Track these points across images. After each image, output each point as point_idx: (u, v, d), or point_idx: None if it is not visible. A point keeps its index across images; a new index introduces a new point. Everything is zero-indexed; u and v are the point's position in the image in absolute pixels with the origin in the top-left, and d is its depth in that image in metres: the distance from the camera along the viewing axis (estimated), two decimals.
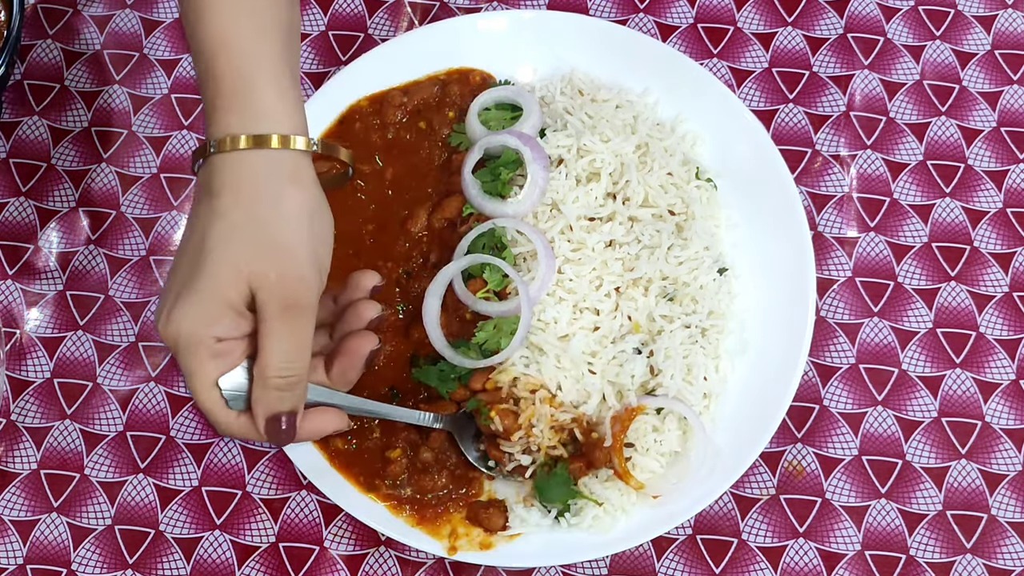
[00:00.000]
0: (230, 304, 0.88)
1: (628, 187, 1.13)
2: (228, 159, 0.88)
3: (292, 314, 0.88)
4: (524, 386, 1.06)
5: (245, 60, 0.89)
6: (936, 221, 1.23)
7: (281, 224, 0.88)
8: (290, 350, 0.89)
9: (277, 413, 0.92)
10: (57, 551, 1.10)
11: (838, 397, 1.16)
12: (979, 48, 1.31)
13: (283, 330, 0.89)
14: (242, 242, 0.87)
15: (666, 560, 1.10)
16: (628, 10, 1.32)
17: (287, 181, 0.89)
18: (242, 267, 0.87)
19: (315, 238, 0.90)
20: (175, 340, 0.89)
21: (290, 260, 0.88)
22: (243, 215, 0.88)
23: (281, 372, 0.90)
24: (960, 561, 1.10)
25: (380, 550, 1.10)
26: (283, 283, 0.87)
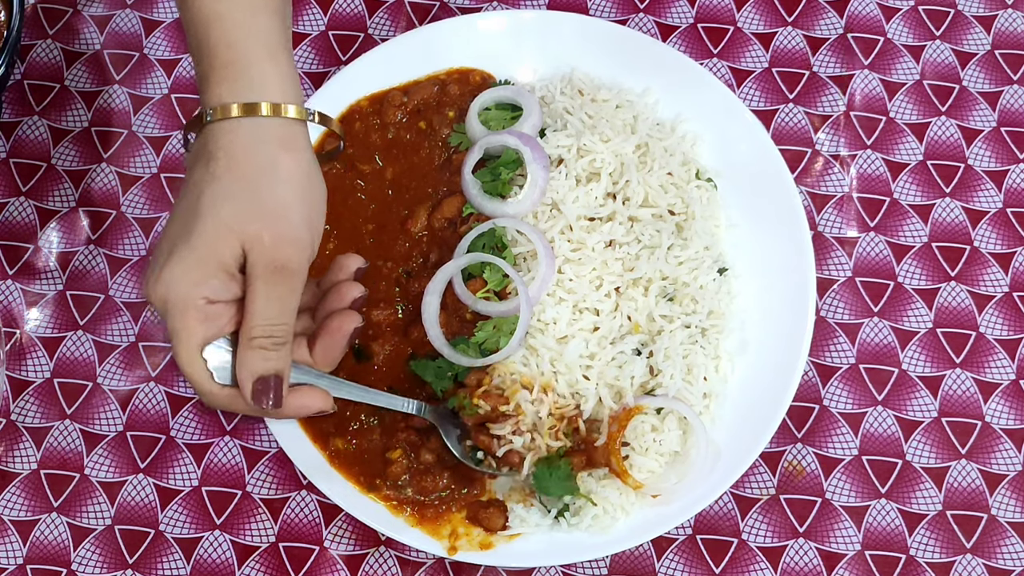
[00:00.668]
0: (222, 264, 0.88)
1: (628, 187, 1.13)
2: (222, 127, 0.90)
3: (281, 276, 0.89)
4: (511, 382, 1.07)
5: (238, 32, 0.91)
6: (936, 221, 1.23)
7: (275, 187, 0.89)
8: (276, 312, 0.90)
9: (262, 375, 0.91)
10: (57, 551, 1.10)
11: (838, 397, 1.16)
12: (979, 48, 1.31)
13: (271, 292, 0.89)
14: (236, 203, 0.88)
15: (666, 560, 1.10)
16: (628, 10, 1.32)
17: (280, 147, 0.90)
18: (235, 227, 0.88)
19: (309, 203, 0.92)
20: (163, 300, 0.89)
21: (284, 222, 0.89)
22: (237, 178, 0.89)
23: (266, 332, 0.90)
24: (960, 561, 1.10)
25: (380, 550, 1.10)
26: (276, 244, 0.88)
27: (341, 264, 1.01)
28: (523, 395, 1.05)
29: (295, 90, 0.94)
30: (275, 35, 0.93)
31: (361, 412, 1.09)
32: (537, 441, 1.05)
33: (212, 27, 0.91)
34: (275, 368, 0.92)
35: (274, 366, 0.91)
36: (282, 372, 0.92)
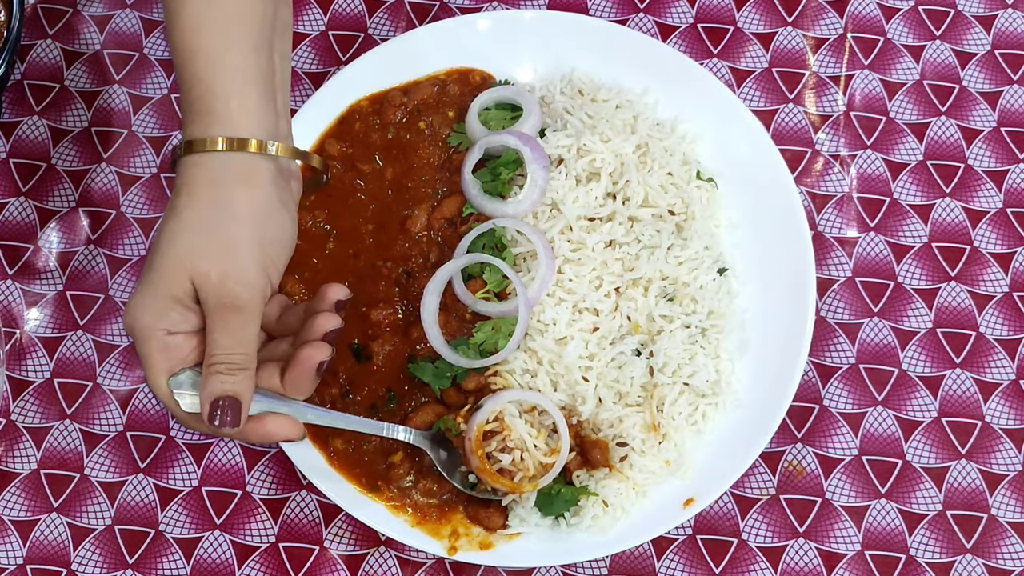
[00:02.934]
0: (176, 298, 0.91)
1: (628, 187, 1.13)
2: (187, 161, 0.93)
3: (229, 312, 0.91)
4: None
5: (208, 69, 0.93)
6: (936, 221, 1.23)
7: (228, 224, 0.91)
8: (230, 343, 0.91)
9: (218, 397, 0.92)
10: (57, 551, 1.10)
11: (838, 397, 1.16)
12: (979, 48, 1.31)
13: (221, 326, 0.91)
14: (188, 239, 0.91)
15: (666, 560, 1.10)
16: (628, 10, 1.32)
17: (238, 182, 0.92)
18: (186, 263, 0.90)
19: (264, 239, 0.93)
20: (131, 329, 0.93)
21: (231, 260, 0.91)
22: (193, 214, 0.91)
23: (222, 359, 0.91)
24: (960, 561, 1.10)
25: (380, 550, 1.10)
26: (222, 282, 0.90)
27: (324, 294, 1.00)
28: (509, 409, 1.06)
29: (268, 124, 0.95)
30: (249, 71, 0.94)
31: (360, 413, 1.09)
32: (527, 460, 1.06)
33: (187, 63, 0.94)
34: (232, 391, 0.92)
35: (231, 389, 0.92)
36: (240, 395, 0.92)
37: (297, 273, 1.14)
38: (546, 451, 1.06)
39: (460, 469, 1.06)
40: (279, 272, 0.96)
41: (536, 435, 1.06)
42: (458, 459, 1.07)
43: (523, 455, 1.06)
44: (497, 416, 1.06)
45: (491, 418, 1.05)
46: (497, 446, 1.05)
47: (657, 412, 1.07)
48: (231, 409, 0.92)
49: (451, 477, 1.06)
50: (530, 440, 1.05)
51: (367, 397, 1.10)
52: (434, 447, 1.06)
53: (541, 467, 1.05)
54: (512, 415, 1.06)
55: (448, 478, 1.06)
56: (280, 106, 0.98)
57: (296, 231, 0.99)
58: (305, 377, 0.97)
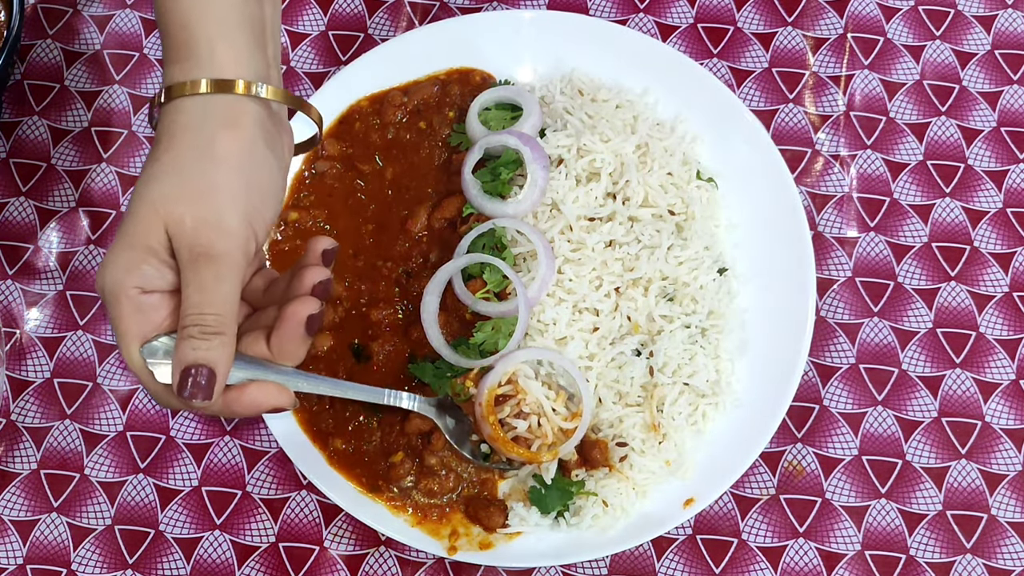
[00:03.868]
0: (150, 250, 0.83)
1: (628, 187, 1.13)
2: (167, 109, 0.86)
3: (205, 263, 0.82)
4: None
5: (191, 13, 0.87)
6: (936, 221, 1.23)
7: (206, 165, 0.84)
8: (202, 299, 0.82)
9: (188, 365, 0.83)
10: (57, 551, 1.10)
11: (838, 397, 1.16)
12: (979, 48, 1.31)
13: (196, 279, 0.82)
14: (163, 184, 0.83)
15: (666, 560, 1.10)
16: (628, 10, 1.32)
17: (222, 125, 0.85)
18: (160, 208, 0.82)
19: (248, 185, 0.85)
20: (101, 290, 0.84)
21: (209, 204, 0.83)
22: (171, 158, 0.84)
23: (194, 320, 0.82)
24: (960, 561, 1.10)
25: (380, 550, 1.10)
26: (197, 229, 0.82)
27: (310, 248, 0.92)
28: (524, 370, 0.99)
29: (255, 67, 0.88)
30: (233, 13, 0.87)
31: (360, 413, 1.10)
32: (544, 427, 1.01)
33: (169, 11, 0.87)
34: (204, 359, 0.82)
35: (203, 356, 0.82)
36: (214, 363, 0.83)
37: None
38: (566, 416, 1.00)
39: (471, 438, 1.00)
40: (265, 226, 0.87)
41: (554, 398, 1.01)
42: (468, 427, 1.01)
43: (540, 420, 1.02)
44: (510, 378, 1.00)
45: (504, 380, 0.99)
46: (511, 412, 1.00)
47: (657, 412, 1.07)
48: (204, 379, 0.83)
49: (461, 447, 1.00)
50: (548, 404, 1.00)
51: None
52: (441, 415, 1.00)
53: (561, 433, 0.99)
54: (527, 377, 1.00)
55: (458, 448, 1.00)
56: (271, 55, 0.91)
57: (285, 185, 0.91)
58: (293, 336, 0.88)
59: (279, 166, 0.89)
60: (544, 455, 0.98)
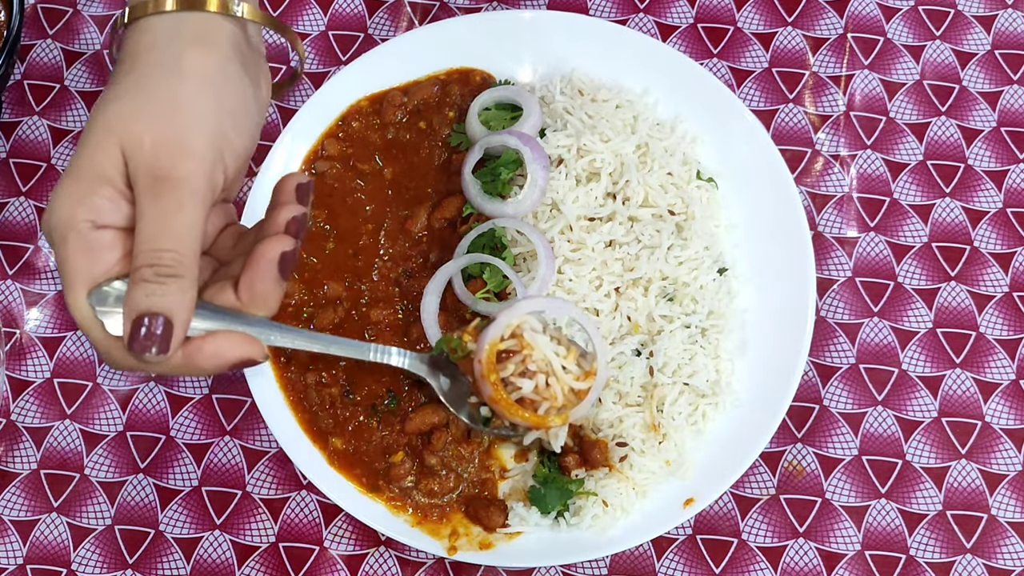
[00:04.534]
0: (103, 177, 0.73)
1: (628, 187, 1.13)
2: (132, 29, 0.77)
3: (164, 188, 0.72)
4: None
5: None
6: (936, 221, 1.23)
7: (172, 83, 0.74)
8: (158, 232, 0.72)
9: (140, 313, 0.72)
10: (57, 551, 1.10)
11: (838, 397, 1.16)
12: (979, 48, 1.31)
13: (153, 208, 0.72)
14: (121, 103, 0.74)
15: (666, 560, 1.10)
16: (628, 10, 1.32)
17: (191, 43, 0.76)
18: (116, 128, 0.73)
19: (218, 106, 0.75)
20: (48, 229, 0.74)
21: (171, 122, 0.73)
22: (134, 79, 0.75)
23: (148, 258, 0.72)
24: (960, 561, 1.10)
25: (380, 550, 1.10)
26: (157, 149, 0.72)
27: (281, 185, 0.82)
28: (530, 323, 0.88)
29: None
30: None
31: (360, 413, 1.10)
32: (554, 387, 0.89)
33: None
34: (159, 306, 0.72)
35: (158, 303, 0.72)
36: (170, 311, 0.72)
37: (297, 273, 1.14)
38: (577, 375, 0.89)
39: (470, 400, 0.90)
40: (236, 158, 0.77)
41: (564, 354, 0.89)
42: (467, 388, 0.90)
43: (548, 380, 0.90)
44: (514, 332, 0.89)
45: (507, 334, 0.87)
46: (515, 370, 0.89)
47: (657, 412, 1.07)
48: (159, 329, 0.72)
49: (458, 411, 0.89)
50: (557, 361, 0.89)
51: (367, 397, 1.10)
52: (434, 374, 0.89)
53: (572, 394, 0.88)
54: (533, 330, 0.89)
55: (455, 412, 0.89)
56: None
57: (262, 123, 0.81)
58: (265, 277, 0.77)
59: (255, 95, 0.80)
60: (553, 419, 0.87)
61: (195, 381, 1.16)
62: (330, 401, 1.09)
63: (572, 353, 0.87)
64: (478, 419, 0.89)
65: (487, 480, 1.08)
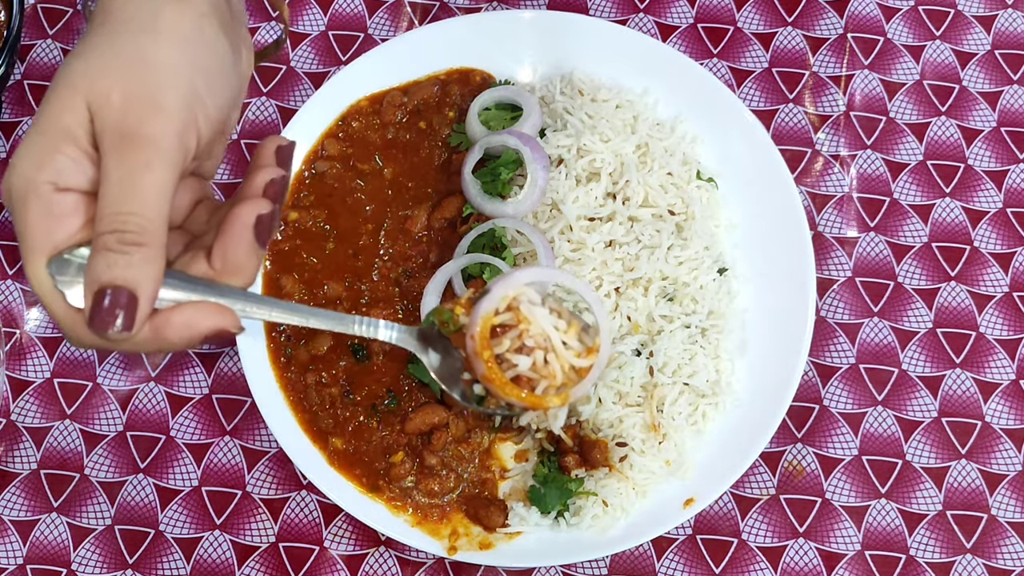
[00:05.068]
0: (68, 133, 0.69)
1: (628, 187, 1.13)
2: None
3: (130, 147, 0.68)
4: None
5: None
6: (936, 221, 1.23)
7: (145, 39, 0.70)
8: (124, 199, 0.67)
9: (103, 285, 0.67)
10: (57, 551, 1.10)
11: (838, 397, 1.16)
12: (979, 48, 1.31)
13: (118, 168, 0.68)
14: (89, 57, 0.70)
15: (666, 560, 1.10)
16: (628, 10, 1.32)
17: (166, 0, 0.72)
18: (81, 84, 0.69)
19: (194, 65, 0.71)
20: (8, 192, 0.70)
21: (142, 77, 0.69)
22: (105, 35, 0.71)
23: (111, 223, 0.67)
24: (960, 561, 1.10)
25: (380, 550, 1.10)
26: (126, 105, 0.68)
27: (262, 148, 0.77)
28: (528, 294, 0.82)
29: None
30: None
31: (360, 413, 1.10)
32: (552, 364, 0.83)
33: None
34: (123, 278, 0.67)
35: (122, 275, 0.67)
36: (135, 284, 0.68)
37: (297, 273, 1.14)
38: (579, 351, 0.83)
39: (463, 377, 0.83)
40: (211, 121, 0.72)
41: (565, 329, 0.83)
42: (459, 364, 0.83)
43: (547, 357, 0.83)
44: (510, 305, 0.82)
45: (502, 307, 0.81)
46: (511, 346, 0.82)
47: (657, 412, 1.07)
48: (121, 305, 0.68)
49: (450, 388, 0.83)
50: (557, 336, 0.82)
51: (367, 397, 1.10)
52: (424, 349, 0.82)
53: (573, 372, 0.83)
54: (531, 303, 0.82)
55: (447, 390, 0.83)
56: None
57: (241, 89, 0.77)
58: (240, 242, 0.73)
59: (234, 61, 0.76)
60: (551, 399, 0.81)
61: (195, 380, 1.16)
62: (330, 401, 1.09)
63: (573, 327, 0.82)
64: (471, 398, 0.83)
65: (487, 480, 1.08)
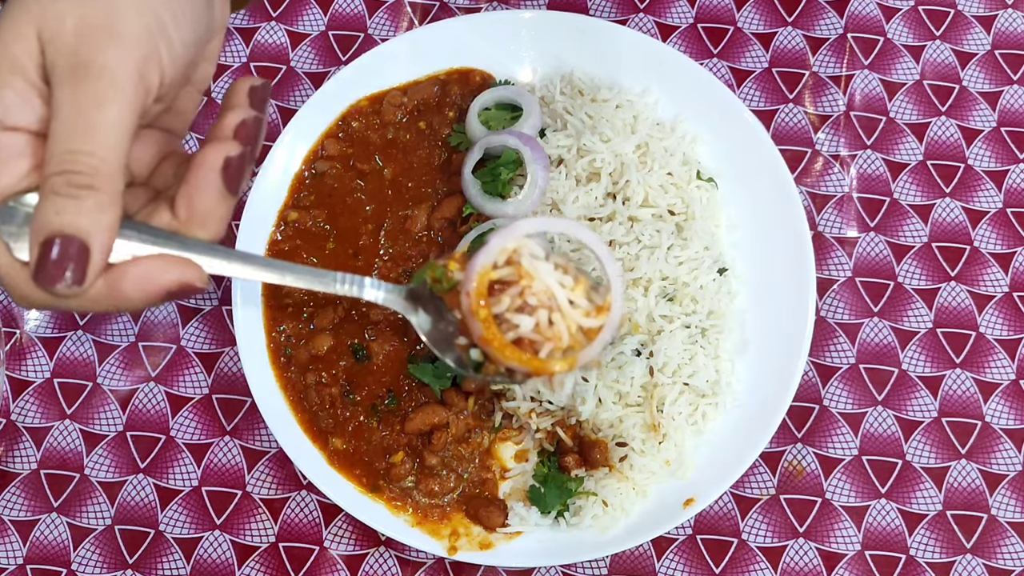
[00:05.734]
0: (15, 64, 0.63)
1: (628, 187, 1.12)
2: None
3: (83, 77, 0.61)
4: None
5: None
6: (936, 221, 1.23)
7: None
8: (77, 133, 0.61)
9: (51, 234, 0.61)
10: (57, 551, 1.10)
11: (838, 397, 1.16)
12: (979, 48, 1.31)
13: (70, 102, 0.61)
14: None
15: (666, 560, 1.10)
16: (628, 10, 1.32)
17: None
18: (33, 9, 0.63)
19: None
20: None
21: (98, 3, 0.63)
22: None
23: (61, 164, 0.61)
24: (960, 561, 1.10)
25: (380, 550, 1.10)
26: (81, 32, 0.62)
27: (231, 90, 0.71)
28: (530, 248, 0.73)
29: None
30: None
31: (360, 413, 1.10)
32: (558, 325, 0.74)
33: None
34: (73, 226, 0.61)
35: (71, 223, 0.61)
36: (85, 233, 0.61)
37: None
38: (587, 310, 0.74)
39: (458, 342, 0.74)
40: (176, 57, 0.66)
41: (572, 286, 0.74)
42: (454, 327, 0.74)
43: (552, 317, 0.74)
44: (510, 259, 0.73)
45: (501, 261, 0.73)
46: (512, 304, 0.73)
47: (657, 412, 1.07)
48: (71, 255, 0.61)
49: (443, 353, 0.75)
50: (563, 293, 0.74)
51: (367, 397, 1.10)
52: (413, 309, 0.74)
53: (581, 334, 0.74)
54: (534, 256, 0.74)
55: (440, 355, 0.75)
56: None
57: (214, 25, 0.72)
58: (207, 189, 0.66)
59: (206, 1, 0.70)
60: (556, 364, 0.72)
61: (195, 380, 1.16)
62: (330, 401, 1.09)
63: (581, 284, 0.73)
64: (468, 364, 0.74)
65: (487, 480, 1.08)
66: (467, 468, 1.08)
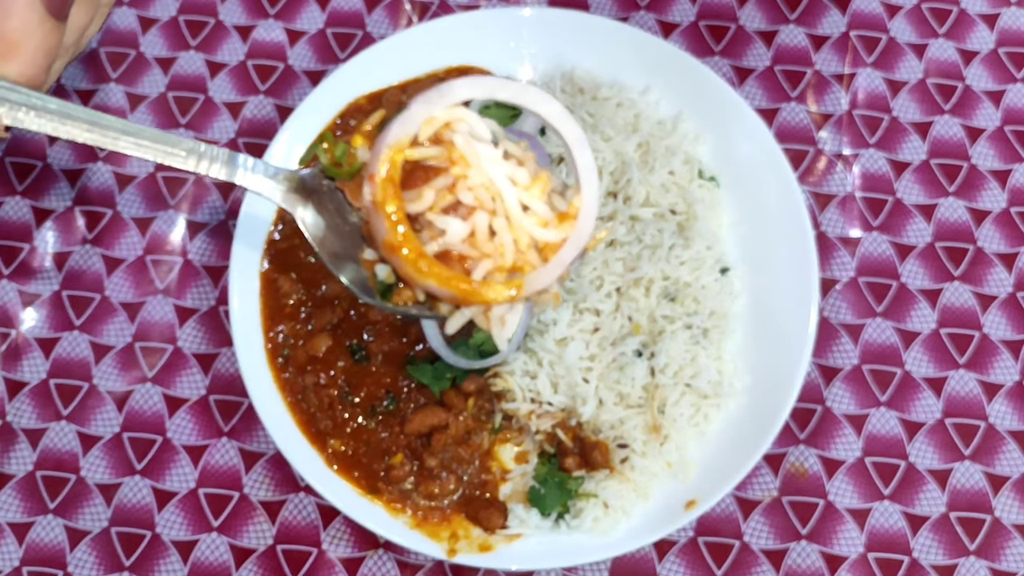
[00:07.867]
0: None
1: (629, 186, 1.12)
2: None
3: None
4: None
5: None
6: (939, 221, 1.22)
7: None
8: None
9: None
10: (53, 553, 1.10)
11: (841, 398, 1.15)
12: (983, 46, 1.30)
13: None
14: None
15: (667, 562, 1.09)
16: (629, 7, 1.31)
17: None
18: None
19: None
20: None
21: None
22: None
23: None
24: (964, 563, 1.09)
25: (379, 553, 1.10)
26: None
27: None
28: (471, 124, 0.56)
29: None
30: None
31: (359, 414, 1.09)
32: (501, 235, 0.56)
33: None
34: None
35: None
36: None
37: (295, 272, 1.13)
38: (545, 219, 0.57)
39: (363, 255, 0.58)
40: None
41: (527, 184, 0.57)
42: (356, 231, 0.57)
43: (494, 223, 0.58)
44: (439, 135, 0.56)
45: (425, 137, 0.55)
46: (438, 200, 0.56)
47: (658, 413, 1.06)
48: None
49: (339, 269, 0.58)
50: (512, 192, 0.57)
51: (366, 398, 1.09)
52: (302, 203, 0.57)
53: (535, 252, 0.57)
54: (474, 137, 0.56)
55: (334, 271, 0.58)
56: None
57: None
58: (19, 6, 0.55)
59: None
60: (494, 289, 0.55)
61: (192, 381, 1.15)
62: (329, 402, 1.09)
63: (540, 181, 0.55)
64: (374, 286, 0.56)
65: (487, 482, 1.07)
66: (467, 470, 1.07)
